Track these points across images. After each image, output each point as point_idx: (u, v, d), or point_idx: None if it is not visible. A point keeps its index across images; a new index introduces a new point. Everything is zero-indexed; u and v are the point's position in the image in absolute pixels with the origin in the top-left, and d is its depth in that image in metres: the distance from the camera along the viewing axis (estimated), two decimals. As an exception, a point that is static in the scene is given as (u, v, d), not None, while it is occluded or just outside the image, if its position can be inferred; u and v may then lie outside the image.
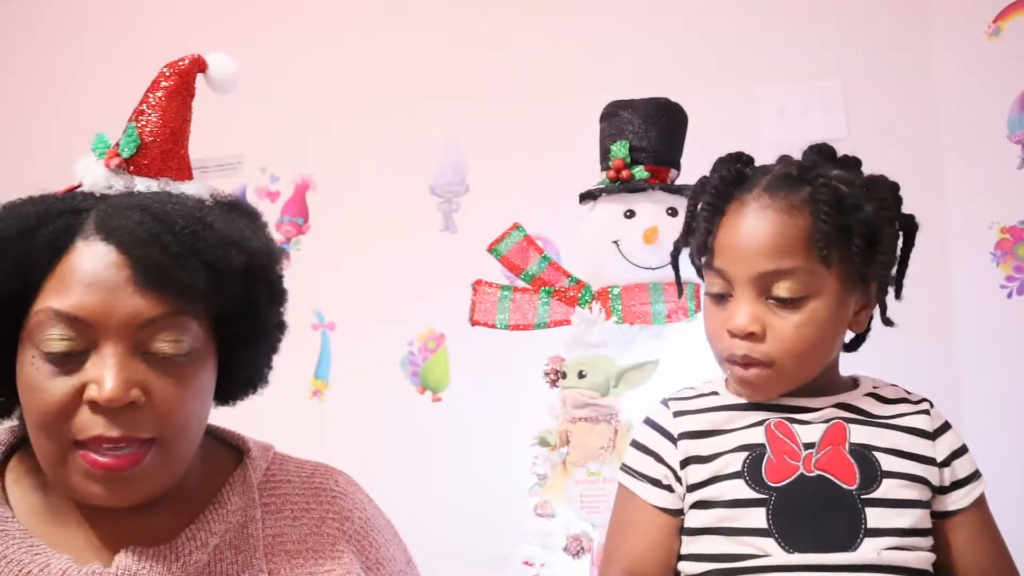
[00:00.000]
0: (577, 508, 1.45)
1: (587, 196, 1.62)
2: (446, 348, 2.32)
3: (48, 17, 2.66)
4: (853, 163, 0.99)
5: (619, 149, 1.57)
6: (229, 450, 0.91)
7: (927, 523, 0.92)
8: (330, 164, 2.44)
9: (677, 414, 0.98)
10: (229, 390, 0.89)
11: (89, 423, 0.74)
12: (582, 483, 1.45)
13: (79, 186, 0.84)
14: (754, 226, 0.92)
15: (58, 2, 2.67)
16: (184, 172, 0.88)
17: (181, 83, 0.86)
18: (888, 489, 0.91)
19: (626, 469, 0.99)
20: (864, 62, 2.19)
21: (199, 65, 0.87)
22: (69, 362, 0.75)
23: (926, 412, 0.97)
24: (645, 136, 1.57)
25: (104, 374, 0.74)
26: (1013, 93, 2.09)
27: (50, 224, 0.77)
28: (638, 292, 1.54)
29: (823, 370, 0.96)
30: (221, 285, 0.78)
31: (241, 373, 0.88)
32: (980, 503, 0.96)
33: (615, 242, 1.55)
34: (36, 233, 0.76)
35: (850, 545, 0.88)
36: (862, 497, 0.90)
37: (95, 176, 0.83)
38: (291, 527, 0.86)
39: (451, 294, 1.79)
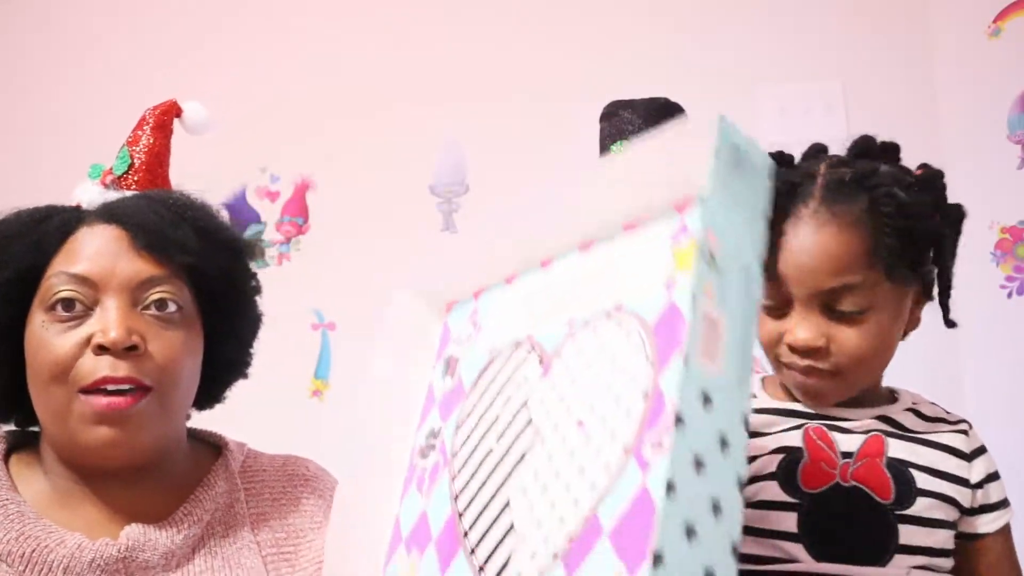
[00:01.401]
0: (577, 508, 1.45)
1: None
2: (446, 348, 2.32)
3: (46, 19, 2.66)
4: (892, 150, 0.96)
5: (619, 149, 1.57)
6: (209, 446, 0.99)
7: (951, 544, 0.91)
8: (330, 164, 2.44)
9: None
10: (213, 378, 0.96)
11: (95, 366, 0.82)
12: (582, 483, 1.45)
13: (79, 206, 0.94)
14: (815, 243, 0.87)
15: (55, 4, 2.67)
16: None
17: (161, 119, 1.02)
18: (922, 508, 0.90)
19: None
20: (864, 62, 2.19)
21: (175, 109, 1.03)
22: (74, 319, 0.84)
23: (964, 432, 0.96)
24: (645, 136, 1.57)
25: (108, 322, 0.83)
26: (1013, 93, 2.09)
27: (59, 216, 0.89)
28: (638, 292, 1.54)
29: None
30: (209, 249, 0.89)
31: (222, 352, 0.95)
32: (1006, 531, 0.95)
33: (615, 242, 1.55)
34: (48, 220, 0.88)
35: (880, 559, 0.87)
36: (896, 513, 0.89)
37: (91, 195, 0.94)
38: (271, 507, 0.95)
39: (451, 294, 1.79)
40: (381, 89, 2.40)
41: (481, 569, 0.67)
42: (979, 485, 0.93)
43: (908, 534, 0.88)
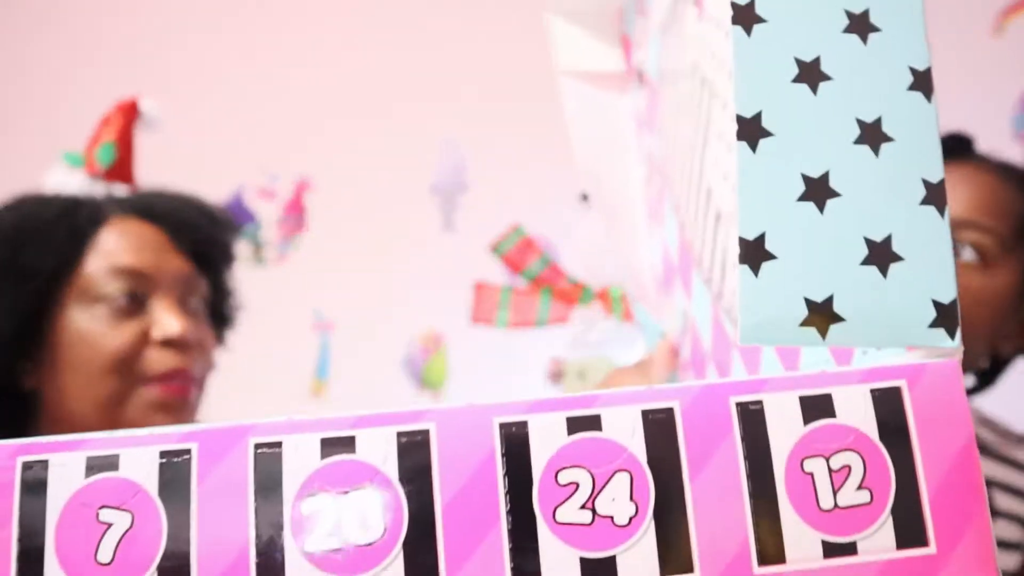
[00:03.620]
0: (577, 508, 1.45)
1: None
2: (446, 348, 2.32)
3: (45, 13, 2.66)
4: None
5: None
6: None
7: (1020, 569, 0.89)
8: (330, 164, 2.44)
9: None
10: None
11: (165, 358, 0.85)
12: (582, 483, 1.45)
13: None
14: (969, 180, 0.82)
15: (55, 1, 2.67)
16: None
17: (129, 114, 1.03)
18: (1000, 530, 0.88)
19: None
20: (864, 62, 2.19)
21: (136, 104, 1.05)
22: (128, 311, 0.85)
23: None
24: (645, 136, 1.57)
25: (173, 315, 0.86)
26: (1014, 93, 2.09)
27: (84, 208, 0.89)
28: (638, 292, 1.54)
29: None
30: (228, 247, 0.95)
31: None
32: None
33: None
34: (76, 211, 0.88)
35: None
36: None
37: (74, 184, 0.94)
38: None
39: (451, 294, 1.79)
40: (381, 89, 2.40)
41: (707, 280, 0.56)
42: None
43: None
